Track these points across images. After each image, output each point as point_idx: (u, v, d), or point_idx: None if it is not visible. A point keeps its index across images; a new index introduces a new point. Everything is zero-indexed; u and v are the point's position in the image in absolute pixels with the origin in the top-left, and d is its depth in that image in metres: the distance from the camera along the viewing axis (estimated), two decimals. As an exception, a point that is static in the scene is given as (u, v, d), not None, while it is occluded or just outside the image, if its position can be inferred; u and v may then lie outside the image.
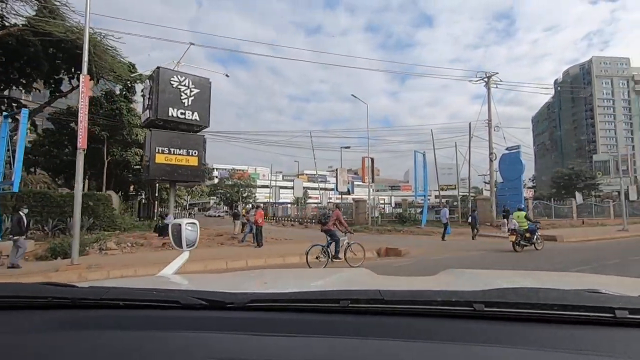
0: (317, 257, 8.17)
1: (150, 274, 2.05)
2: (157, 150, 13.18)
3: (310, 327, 0.75)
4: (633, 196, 35.22)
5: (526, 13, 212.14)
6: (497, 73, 19.98)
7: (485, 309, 0.73)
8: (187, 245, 1.62)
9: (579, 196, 33.59)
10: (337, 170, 30.79)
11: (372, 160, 24.43)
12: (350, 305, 0.78)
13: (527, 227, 11.46)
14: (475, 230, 15.88)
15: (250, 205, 16.62)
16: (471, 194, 28.35)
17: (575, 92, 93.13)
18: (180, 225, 1.63)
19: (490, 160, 20.09)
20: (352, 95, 22.92)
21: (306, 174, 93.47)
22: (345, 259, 8.52)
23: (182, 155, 13.71)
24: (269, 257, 9.84)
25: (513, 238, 11.29)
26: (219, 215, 60.49)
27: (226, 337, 0.73)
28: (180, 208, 39.58)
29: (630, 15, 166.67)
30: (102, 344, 0.74)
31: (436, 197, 30.51)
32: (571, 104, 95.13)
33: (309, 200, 59.85)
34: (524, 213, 11.92)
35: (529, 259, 9.88)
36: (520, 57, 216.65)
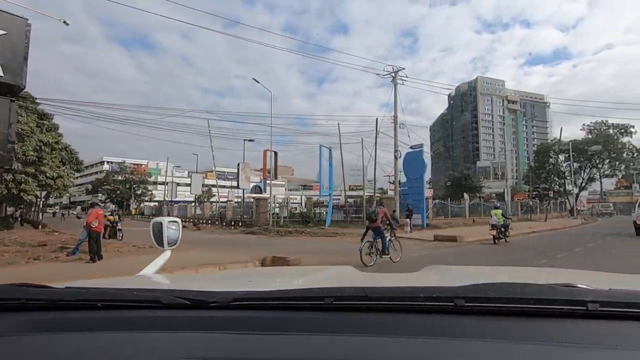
0: (368, 254, 8.20)
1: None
2: None
3: (294, 324, 0.75)
4: (507, 197, 40.66)
5: (427, 34, 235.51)
6: (403, 68, 19.64)
7: (466, 304, 0.74)
8: (168, 244, 1.60)
9: (467, 197, 36.87)
10: (238, 165, 27.60)
11: (276, 154, 22.03)
12: (334, 302, 0.78)
13: (503, 223, 12.63)
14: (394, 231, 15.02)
15: (90, 203, 12.59)
16: (377, 195, 28.10)
17: (464, 106, 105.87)
18: (161, 223, 1.60)
19: (395, 158, 19.58)
20: (254, 79, 20.19)
21: (215, 171, 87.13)
22: (388, 253, 8.61)
23: (-32, 125, 8.97)
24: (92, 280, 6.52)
25: (494, 232, 12.51)
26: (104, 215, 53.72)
27: (209, 336, 0.72)
28: (42, 207, 31.51)
29: (504, 48, 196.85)
30: (80, 346, 0.72)
31: (346, 197, 29.71)
32: (461, 116, 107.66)
33: (214, 199, 54.84)
34: (500, 211, 13.12)
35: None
36: (422, 72, 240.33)
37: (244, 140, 28.13)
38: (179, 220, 1.69)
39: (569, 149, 40.44)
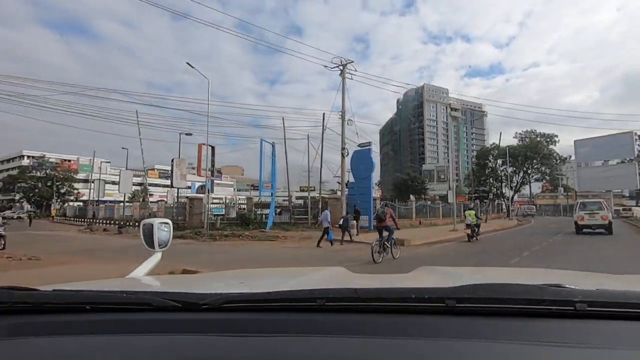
0: (378, 252, 8.88)
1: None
2: None
3: (286, 326, 0.75)
4: (451, 199, 42.05)
5: (378, 41, 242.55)
6: (352, 62, 18.66)
7: (457, 304, 0.75)
8: (159, 245, 1.55)
9: (413, 198, 37.32)
10: (172, 161, 24.70)
11: (213, 148, 19.73)
12: (326, 303, 0.78)
13: (475, 223, 13.69)
14: (349, 235, 13.86)
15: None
16: (324, 195, 26.90)
17: (411, 111, 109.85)
18: (152, 224, 1.55)
19: (342, 156, 18.46)
20: (187, 63, 17.81)
21: (157, 169, 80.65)
22: (391, 251, 9.37)
23: None
24: None
25: (469, 231, 13.68)
26: (18, 217, 47.78)
27: (200, 338, 0.72)
28: None
29: (447, 59, 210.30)
30: (68, 349, 0.71)
31: (297, 198, 28.09)
32: (408, 121, 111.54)
33: (152, 199, 49.96)
34: (473, 212, 14.07)
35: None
36: (373, 77, 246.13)
37: (180, 133, 25.24)
38: (169, 221, 1.63)
39: (505, 154, 42.81)
